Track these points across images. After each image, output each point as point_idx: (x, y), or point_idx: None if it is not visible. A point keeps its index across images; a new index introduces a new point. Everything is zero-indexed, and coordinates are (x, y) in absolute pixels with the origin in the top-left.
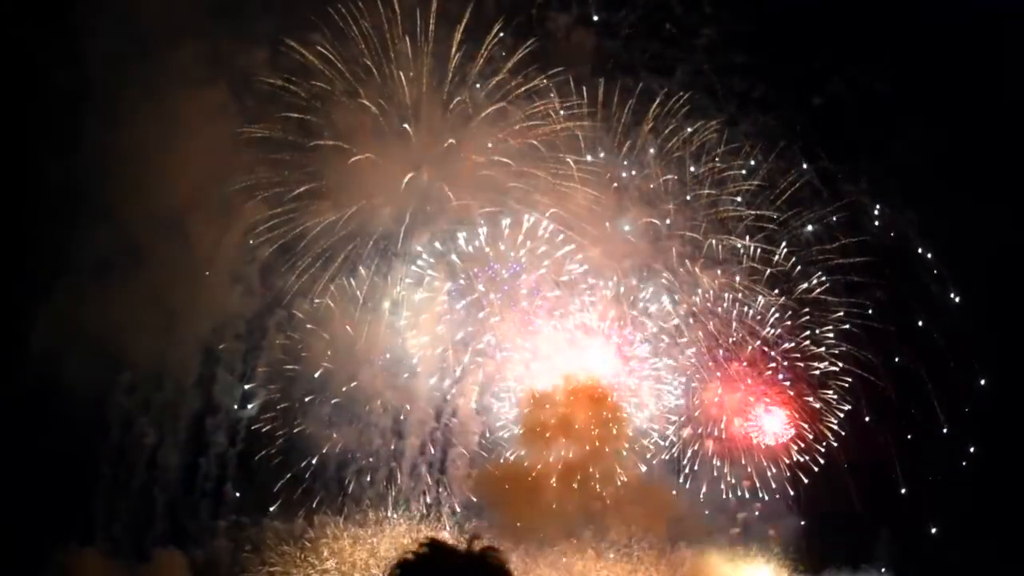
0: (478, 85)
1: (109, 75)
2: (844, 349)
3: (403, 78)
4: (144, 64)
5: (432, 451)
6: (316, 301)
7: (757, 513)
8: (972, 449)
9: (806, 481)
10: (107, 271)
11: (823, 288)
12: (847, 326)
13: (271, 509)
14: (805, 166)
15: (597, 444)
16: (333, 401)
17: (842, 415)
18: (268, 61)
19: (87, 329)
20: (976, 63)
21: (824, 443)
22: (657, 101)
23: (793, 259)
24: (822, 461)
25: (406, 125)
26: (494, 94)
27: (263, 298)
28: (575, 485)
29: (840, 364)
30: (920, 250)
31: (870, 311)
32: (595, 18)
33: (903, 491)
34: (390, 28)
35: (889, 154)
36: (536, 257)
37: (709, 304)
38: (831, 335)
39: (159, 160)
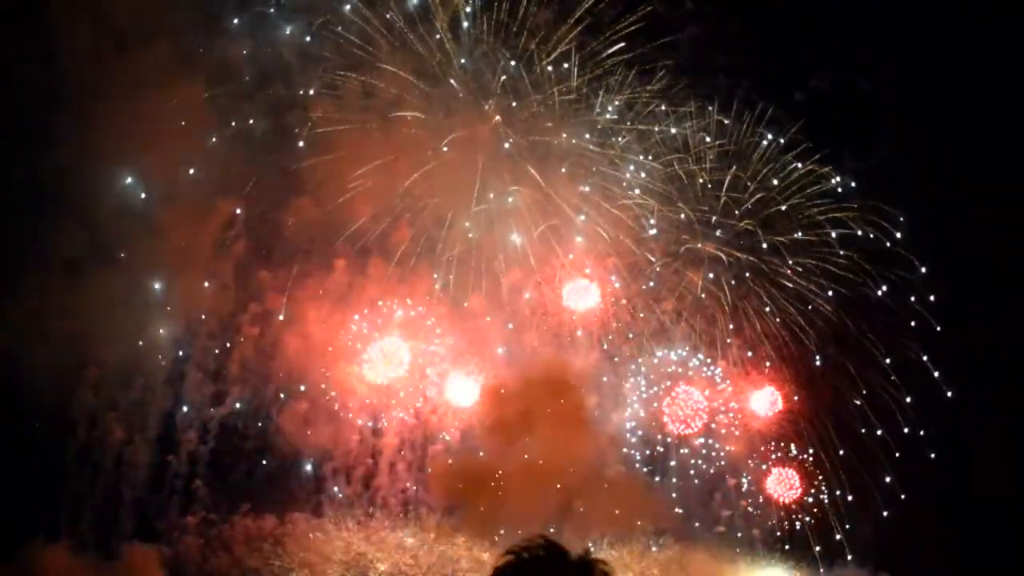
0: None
1: (79, 70)
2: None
3: (383, 73)
4: (115, 59)
5: (410, 449)
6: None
7: (740, 512)
8: (946, 446)
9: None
10: (75, 267)
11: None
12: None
13: (243, 506)
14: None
15: (568, 437)
16: (309, 399)
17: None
18: (245, 56)
19: (53, 325)
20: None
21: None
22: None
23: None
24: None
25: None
26: (476, 90)
27: (237, 294)
28: (551, 481)
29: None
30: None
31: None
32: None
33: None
34: (369, 22)
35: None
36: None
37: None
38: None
39: (130, 156)
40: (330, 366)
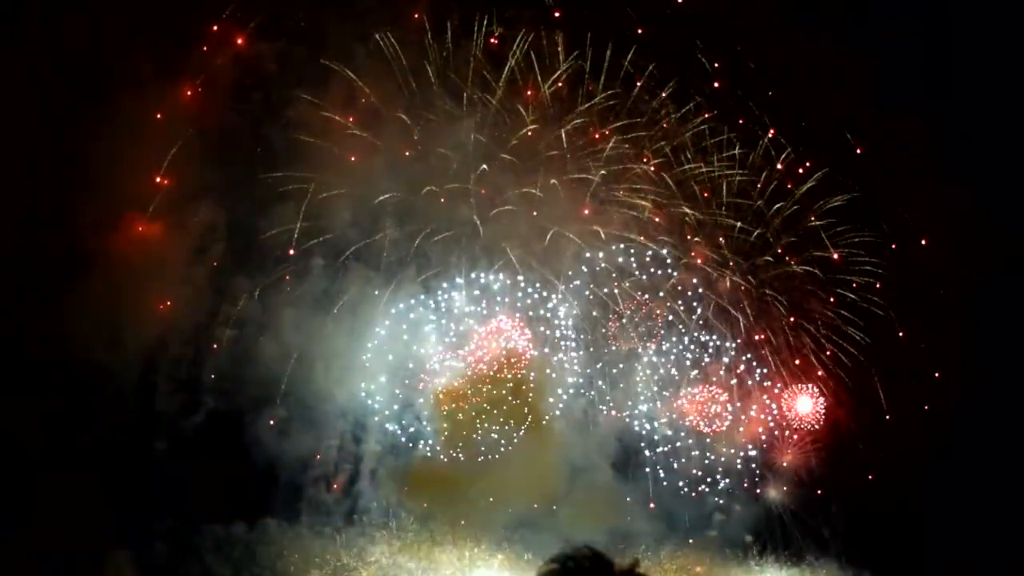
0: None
1: (58, 74)
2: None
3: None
4: (94, 64)
5: (390, 454)
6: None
7: (730, 516)
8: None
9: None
10: (49, 273)
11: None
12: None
13: (216, 513)
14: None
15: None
16: (287, 407)
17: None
18: (228, 60)
19: (25, 331)
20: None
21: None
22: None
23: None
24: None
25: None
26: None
27: (213, 301)
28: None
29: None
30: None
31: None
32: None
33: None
34: (353, 29)
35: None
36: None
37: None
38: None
39: (106, 161)
40: (309, 372)
